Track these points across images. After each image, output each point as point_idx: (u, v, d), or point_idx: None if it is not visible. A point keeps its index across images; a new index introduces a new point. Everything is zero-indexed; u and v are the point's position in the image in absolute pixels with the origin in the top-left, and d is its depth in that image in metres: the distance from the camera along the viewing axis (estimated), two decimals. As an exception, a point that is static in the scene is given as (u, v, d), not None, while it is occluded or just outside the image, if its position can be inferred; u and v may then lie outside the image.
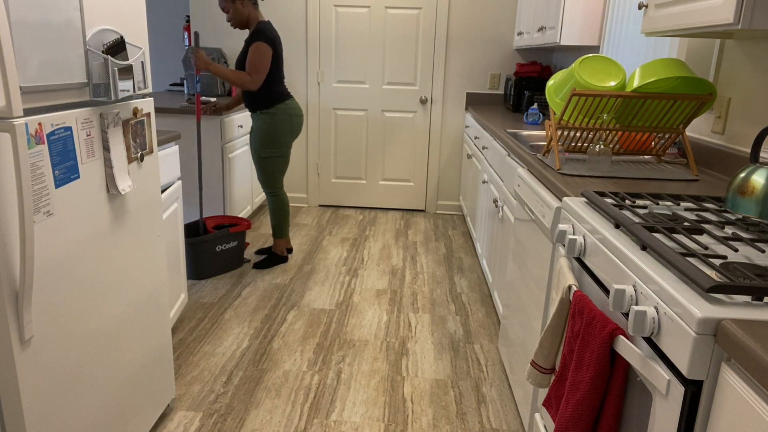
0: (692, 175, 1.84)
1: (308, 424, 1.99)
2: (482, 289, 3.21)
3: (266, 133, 3.17)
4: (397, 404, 2.12)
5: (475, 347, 2.56)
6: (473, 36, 4.41)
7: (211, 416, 2.01)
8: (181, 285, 2.54)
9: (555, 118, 1.96)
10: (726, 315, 0.84)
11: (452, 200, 4.76)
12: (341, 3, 4.39)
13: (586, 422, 1.13)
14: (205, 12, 4.47)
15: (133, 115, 1.62)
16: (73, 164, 1.34)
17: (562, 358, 1.29)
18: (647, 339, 1.00)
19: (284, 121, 3.18)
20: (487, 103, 4.54)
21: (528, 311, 1.88)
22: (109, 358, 1.55)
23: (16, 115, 1.05)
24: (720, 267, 0.98)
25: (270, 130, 3.17)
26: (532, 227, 1.90)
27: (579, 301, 1.21)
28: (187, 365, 2.33)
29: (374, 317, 2.80)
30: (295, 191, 4.79)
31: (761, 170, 1.30)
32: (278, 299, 2.96)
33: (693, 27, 1.49)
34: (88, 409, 1.46)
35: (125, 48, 1.51)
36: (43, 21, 1.20)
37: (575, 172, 1.81)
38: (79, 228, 1.38)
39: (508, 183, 2.54)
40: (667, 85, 1.94)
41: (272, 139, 3.18)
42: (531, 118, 3.45)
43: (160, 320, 1.89)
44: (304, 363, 2.37)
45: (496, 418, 2.06)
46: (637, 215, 1.27)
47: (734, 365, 0.82)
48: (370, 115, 4.60)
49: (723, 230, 1.25)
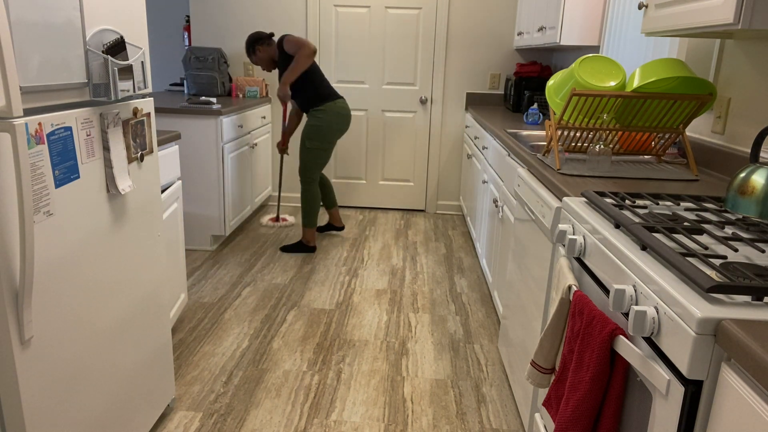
0: (692, 175, 1.84)
1: (308, 424, 1.99)
2: (482, 289, 3.21)
3: (314, 127, 3.47)
4: (397, 404, 2.12)
5: (475, 347, 2.56)
6: (473, 36, 4.41)
7: (211, 416, 2.01)
8: (181, 285, 2.54)
9: (555, 118, 1.96)
10: (726, 315, 0.84)
11: (452, 200, 4.76)
12: (341, 3, 4.39)
13: (586, 422, 1.13)
14: (205, 12, 4.47)
15: (133, 115, 1.62)
16: (73, 164, 1.34)
17: (562, 358, 1.29)
18: (647, 339, 1.00)
19: (332, 117, 3.47)
20: (487, 103, 4.54)
21: (528, 311, 1.88)
22: (109, 358, 1.55)
23: (16, 115, 1.05)
24: (720, 267, 0.98)
25: (317, 125, 3.46)
26: (532, 227, 1.90)
27: (579, 301, 1.21)
28: (187, 365, 2.33)
29: (374, 317, 2.80)
30: (295, 191, 4.79)
31: (761, 170, 1.30)
32: (278, 299, 2.96)
33: (693, 27, 1.49)
34: (88, 409, 1.46)
35: (125, 48, 1.51)
36: (43, 21, 1.20)
37: (575, 172, 1.81)
38: (79, 228, 1.38)
39: (508, 183, 2.55)
40: (667, 85, 1.94)
41: (318, 133, 3.47)
42: (531, 118, 3.45)
43: (160, 320, 1.89)
44: (304, 363, 2.37)
45: (496, 418, 2.06)
46: (637, 215, 1.27)
47: (734, 365, 0.82)
48: (370, 115, 4.60)
49: (723, 230, 1.25)
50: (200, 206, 3.59)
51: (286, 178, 4.76)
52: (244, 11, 4.44)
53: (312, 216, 3.61)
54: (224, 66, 4.34)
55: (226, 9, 4.45)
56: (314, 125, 3.46)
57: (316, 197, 3.60)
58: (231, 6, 4.44)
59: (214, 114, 3.45)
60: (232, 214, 3.76)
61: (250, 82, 4.42)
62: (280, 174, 4.02)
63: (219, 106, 3.50)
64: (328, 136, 3.49)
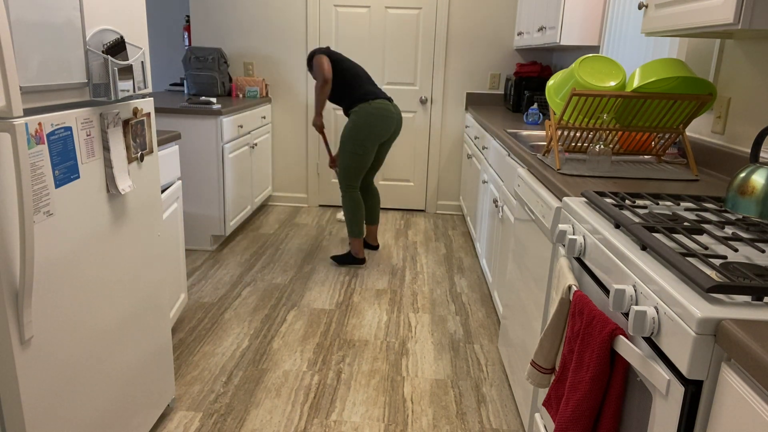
0: (692, 175, 1.84)
1: (308, 424, 1.99)
2: (482, 289, 3.21)
3: (347, 130, 3.30)
4: (397, 404, 2.12)
5: (475, 347, 2.56)
6: (473, 36, 4.41)
7: (211, 416, 2.01)
8: (181, 285, 2.54)
9: (555, 118, 1.96)
10: (726, 315, 0.84)
11: (452, 200, 4.76)
12: (341, 3, 4.39)
13: (586, 422, 1.13)
14: (205, 12, 4.47)
15: (133, 115, 1.62)
16: (73, 164, 1.34)
17: (562, 358, 1.29)
18: (647, 339, 1.00)
19: (364, 118, 3.24)
20: (487, 103, 4.54)
21: (528, 311, 1.88)
22: (109, 358, 1.55)
23: (16, 115, 1.05)
24: (720, 267, 0.98)
25: (350, 127, 3.29)
26: (532, 227, 1.90)
27: (579, 301, 1.21)
28: (187, 365, 2.33)
29: (374, 317, 2.80)
30: (295, 191, 4.79)
31: (761, 170, 1.30)
32: (278, 299, 2.96)
33: (693, 27, 1.49)
34: (88, 409, 1.46)
35: (125, 48, 1.51)
36: (43, 21, 1.20)
37: (575, 172, 1.81)
38: (79, 228, 1.38)
39: (508, 183, 2.54)
40: (667, 85, 1.94)
41: (351, 136, 3.28)
42: (531, 118, 3.45)
43: (160, 320, 1.89)
44: (304, 363, 2.37)
45: (496, 418, 2.06)
46: (637, 215, 1.27)
47: (734, 365, 0.82)
48: (370, 115, 4.60)
49: (723, 230, 1.25)
50: (200, 206, 3.59)
51: (284, 177, 4.76)
52: (244, 11, 4.44)
53: (354, 225, 3.40)
54: (224, 66, 4.35)
55: (226, 9, 4.45)
56: (347, 128, 3.30)
57: (357, 204, 3.38)
58: (231, 6, 4.44)
59: (214, 114, 3.45)
60: (232, 214, 3.76)
61: (250, 82, 4.42)
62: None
63: (219, 106, 3.51)
64: (362, 139, 3.26)
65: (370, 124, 3.24)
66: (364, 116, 3.24)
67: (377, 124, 3.25)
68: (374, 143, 3.29)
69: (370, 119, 3.23)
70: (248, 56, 4.54)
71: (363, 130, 3.25)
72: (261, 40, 4.49)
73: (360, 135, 3.25)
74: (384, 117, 3.25)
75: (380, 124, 3.25)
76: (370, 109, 3.24)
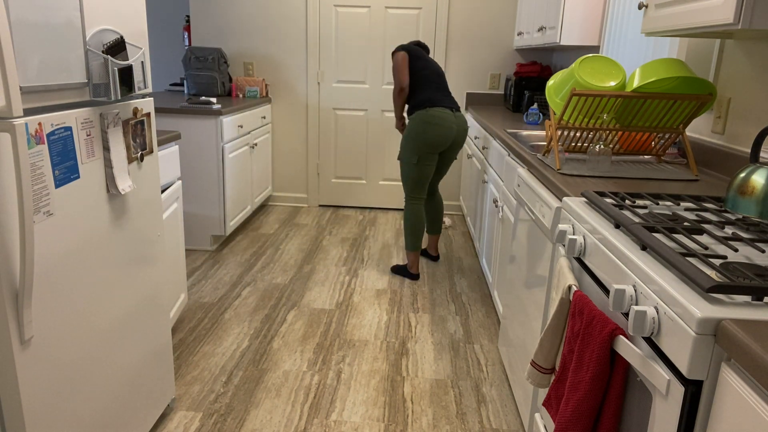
0: (692, 175, 1.84)
1: (308, 424, 1.99)
2: (482, 289, 3.21)
3: (404, 139, 3.18)
4: (397, 404, 2.12)
5: (475, 347, 2.56)
6: (473, 36, 4.41)
7: (211, 416, 2.01)
8: (181, 285, 2.54)
9: (555, 118, 1.96)
10: (726, 315, 0.84)
11: (452, 200, 4.76)
12: (341, 3, 4.39)
13: (586, 422, 1.13)
14: (205, 12, 4.47)
15: (133, 115, 1.62)
16: (73, 164, 1.34)
17: (562, 358, 1.29)
18: (647, 339, 1.00)
19: (417, 126, 3.09)
20: (487, 103, 4.54)
21: (528, 311, 1.88)
22: (109, 358, 1.55)
23: (16, 115, 1.05)
24: (720, 267, 0.98)
25: (406, 135, 3.16)
26: (532, 227, 1.90)
27: (579, 301, 1.21)
28: (187, 365, 2.33)
29: (374, 317, 2.80)
30: (295, 191, 4.79)
31: (761, 170, 1.30)
32: (278, 299, 2.96)
33: (693, 27, 1.49)
34: (88, 409, 1.46)
35: (125, 48, 1.51)
36: (43, 21, 1.20)
37: (575, 172, 1.81)
38: (79, 228, 1.38)
39: (508, 183, 2.54)
40: (667, 85, 1.94)
41: (405, 145, 3.16)
42: (531, 118, 3.45)
43: (160, 320, 1.89)
44: (304, 363, 2.37)
45: (496, 418, 2.06)
46: (637, 215, 1.27)
47: (734, 365, 0.82)
48: (370, 115, 4.60)
49: (723, 230, 1.25)
50: (200, 206, 3.59)
51: (284, 177, 4.76)
52: (244, 11, 4.44)
53: (410, 237, 3.26)
54: (224, 66, 4.34)
55: (226, 9, 4.45)
56: (404, 137, 3.17)
57: (416, 217, 3.23)
58: (231, 6, 4.44)
59: (214, 114, 3.45)
60: (232, 214, 3.76)
61: (250, 82, 4.42)
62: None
63: (219, 106, 3.51)
64: (415, 148, 3.10)
65: (423, 132, 3.07)
66: (417, 124, 3.09)
67: (430, 133, 3.07)
68: (429, 153, 3.13)
69: (422, 128, 3.07)
70: (248, 56, 4.54)
71: (415, 139, 3.10)
72: (261, 40, 4.49)
73: (412, 144, 3.12)
74: (438, 126, 3.06)
75: (433, 134, 3.07)
76: (425, 117, 3.07)
